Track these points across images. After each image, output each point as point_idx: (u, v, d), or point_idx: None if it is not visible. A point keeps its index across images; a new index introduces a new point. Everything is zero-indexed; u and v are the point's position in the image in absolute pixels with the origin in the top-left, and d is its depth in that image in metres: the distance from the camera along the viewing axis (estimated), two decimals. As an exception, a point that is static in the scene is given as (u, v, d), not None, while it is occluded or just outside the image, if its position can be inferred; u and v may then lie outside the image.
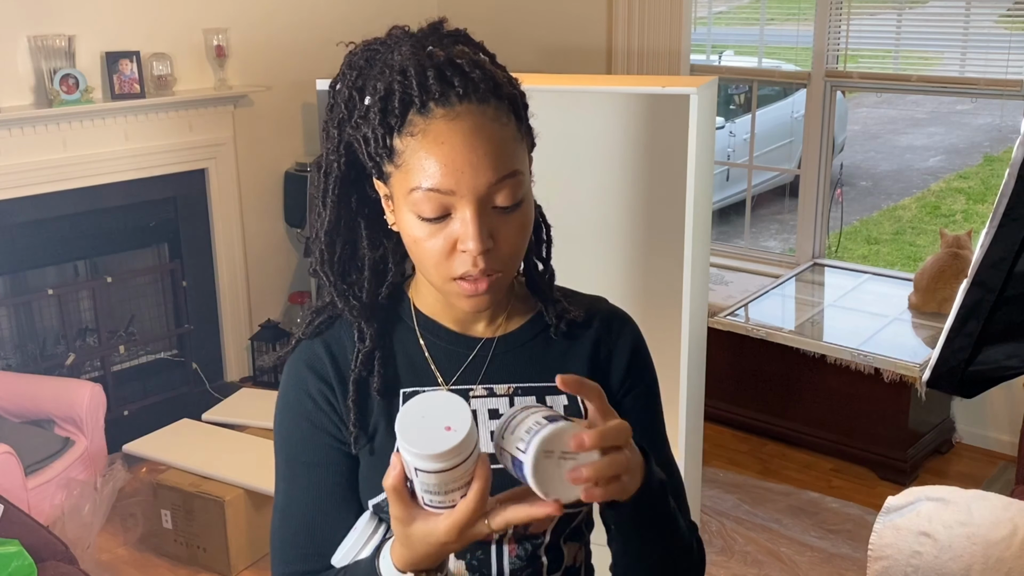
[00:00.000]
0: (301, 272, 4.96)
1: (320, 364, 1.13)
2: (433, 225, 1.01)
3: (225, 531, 3.21)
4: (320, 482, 1.11)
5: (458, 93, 1.00)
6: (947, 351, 1.48)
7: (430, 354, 1.14)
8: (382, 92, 1.01)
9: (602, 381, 1.17)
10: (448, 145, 0.99)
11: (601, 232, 3.17)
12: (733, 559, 3.31)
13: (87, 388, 3.61)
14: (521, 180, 1.03)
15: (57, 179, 3.93)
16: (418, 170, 1.00)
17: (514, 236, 1.04)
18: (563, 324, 1.16)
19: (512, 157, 1.02)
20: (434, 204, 1.00)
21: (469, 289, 1.04)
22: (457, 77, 1.00)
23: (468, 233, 1.00)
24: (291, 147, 4.82)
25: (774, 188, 7.24)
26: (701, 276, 2.87)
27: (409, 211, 1.03)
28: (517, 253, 1.06)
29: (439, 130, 0.99)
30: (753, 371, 4.08)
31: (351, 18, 4.83)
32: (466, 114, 1.00)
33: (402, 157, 1.01)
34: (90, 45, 3.98)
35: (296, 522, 1.12)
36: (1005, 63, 3.84)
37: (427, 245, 1.03)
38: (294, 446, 1.13)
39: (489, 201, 1.01)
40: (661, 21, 4.37)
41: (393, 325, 1.16)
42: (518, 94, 1.06)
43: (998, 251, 1.38)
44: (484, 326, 1.16)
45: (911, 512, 2.27)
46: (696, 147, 2.62)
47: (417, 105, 1.00)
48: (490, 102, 1.01)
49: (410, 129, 1.00)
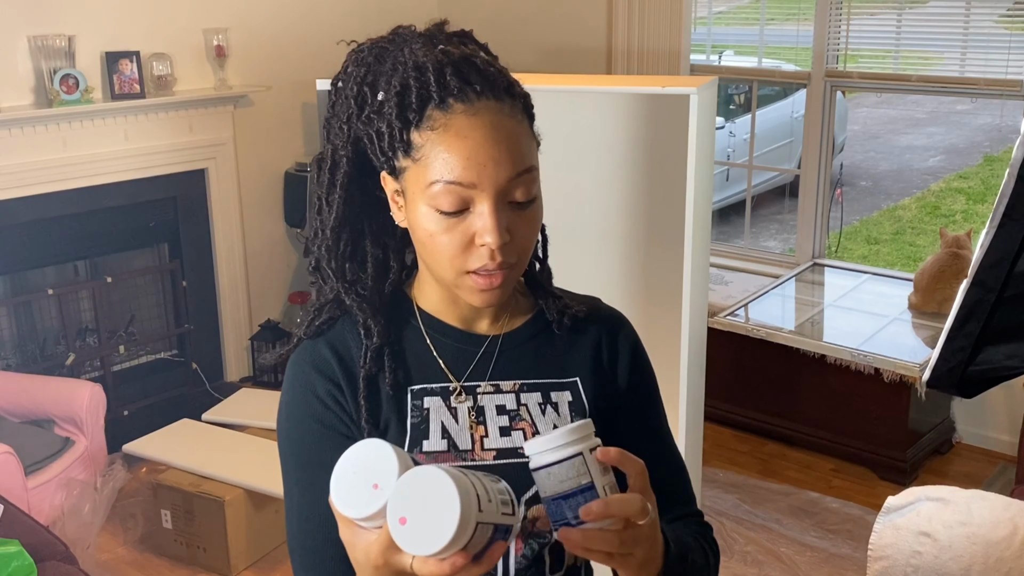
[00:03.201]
0: (301, 272, 4.96)
1: (326, 365, 1.12)
2: (450, 219, 1.02)
3: (225, 531, 3.21)
4: None
5: (476, 90, 1.02)
6: (947, 351, 1.48)
7: (438, 352, 1.14)
8: (398, 87, 1.03)
9: (607, 381, 1.19)
10: (471, 140, 1.00)
11: (601, 232, 3.17)
12: (733, 559, 3.31)
13: (87, 388, 3.61)
14: (536, 177, 1.05)
15: (57, 179, 3.93)
16: (439, 163, 1.01)
17: (528, 232, 1.06)
18: (566, 319, 1.18)
19: (529, 153, 1.04)
20: (454, 198, 1.01)
21: (483, 283, 1.05)
22: (474, 74, 1.02)
23: (488, 227, 1.01)
24: (291, 147, 4.82)
25: (774, 188, 7.24)
26: (701, 276, 2.87)
27: (426, 204, 1.03)
28: (529, 249, 1.08)
29: (460, 125, 1.01)
30: (753, 371, 4.08)
31: (351, 18, 4.83)
32: (485, 110, 1.01)
33: (420, 151, 1.02)
34: (90, 45, 3.98)
35: (314, 528, 1.10)
36: (1005, 63, 3.84)
37: (443, 239, 1.03)
38: (307, 449, 1.12)
39: (507, 196, 1.03)
40: (661, 21, 4.37)
41: (397, 323, 1.16)
42: (527, 95, 1.09)
43: (998, 251, 1.38)
44: (488, 324, 1.17)
45: (911, 512, 2.27)
46: (696, 147, 2.62)
47: (436, 100, 1.01)
48: (505, 100, 1.03)
49: (430, 124, 1.02)
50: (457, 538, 0.87)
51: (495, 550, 0.93)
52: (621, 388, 1.19)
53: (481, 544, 0.91)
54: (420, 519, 0.87)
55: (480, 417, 1.12)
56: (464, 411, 1.12)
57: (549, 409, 1.14)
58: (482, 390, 1.14)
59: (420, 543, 0.87)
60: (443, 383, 1.13)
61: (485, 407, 1.13)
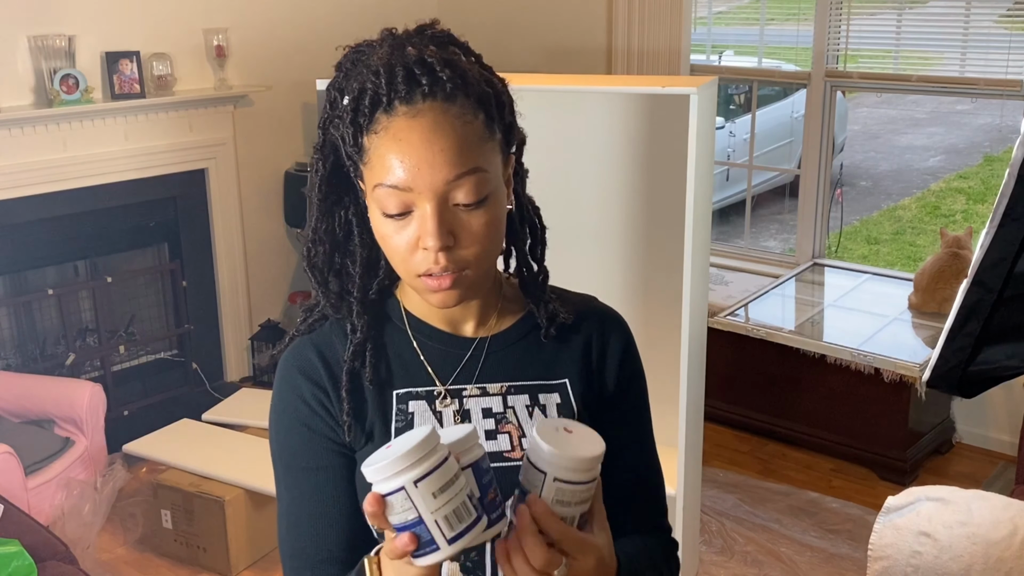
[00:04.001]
0: (301, 272, 4.96)
1: (312, 369, 1.13)
2: (397, 221, 1.03)
3: (225, 531, 3.21)
4: (322, 486, 1.11)
5: (423, 92, 1.01)
6: (947, 351, 1.48)
7: (424, 356, 1.14)
8: (356, 92, 1.03)
9: (596, 380, 1.18)
10: (406, 142, 1.00)
11: (601, 232, 3.17)
12: (733, 559, 3.31)
13: (87, 388, 3.61)
14: (485, 177, 1.03)
15: (57, 179, 3.93)
16: (380, 167, 1.01)
17: (477, 234, 1.03)
18: (553, 328, 1.16)
19: (474, 154, 1.02)
20: (395, 200, 1.01)
21: (433, 285, 1.04)
22: (426, 76, 1.01)
23: (426, 230, 1.01)
24: (291, 147, 4.82)
25: (774, 188, 7.24)
26: (701, 276, 2.87)
27: (375, 207, 1.04)
28: (484, 251, 1.05)
29: (399, 127, 1.00)
30: (753, 371, 4.08)
31: (351, 18, 4.83)
32: (427, 111, 1.00)
33: (368, 155, 1.03)
34: (90, 45, 3.98)
35: (302, 530, 1.11)
36: (1005, 63, 3.84)
37: (393, 242, 1.04)
38: (293, 452, 1.13)
39: (449, 198, 1.01)
40: (661, 21, 4.37)
41: (383, 325, 1.16)
42: (493, 92, 1.06)
43: (998, 251, 1.38)
44: (475, 326, 1.16)
45: (911, 512, 2.27)
46: (696, 147, 2.62)
47: (384, 104, 1.01)
48: (456, 100, 1.02)
49: (375, 127, 1.02)
50: (421, 448, 0.88)
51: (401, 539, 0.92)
52: (609, 390, 1.18)
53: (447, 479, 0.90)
54: (399, 444, 0.91)
55: (466, 421, 1.12)
56: (449, 415, 1.12)
57: (537, 411, 1.13)
58: (468, 393, 1.13)
59: (388, 455, 0.89)
60: (428, 387, 1.13)
61: (471, 410, 1.12)
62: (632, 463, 1.19)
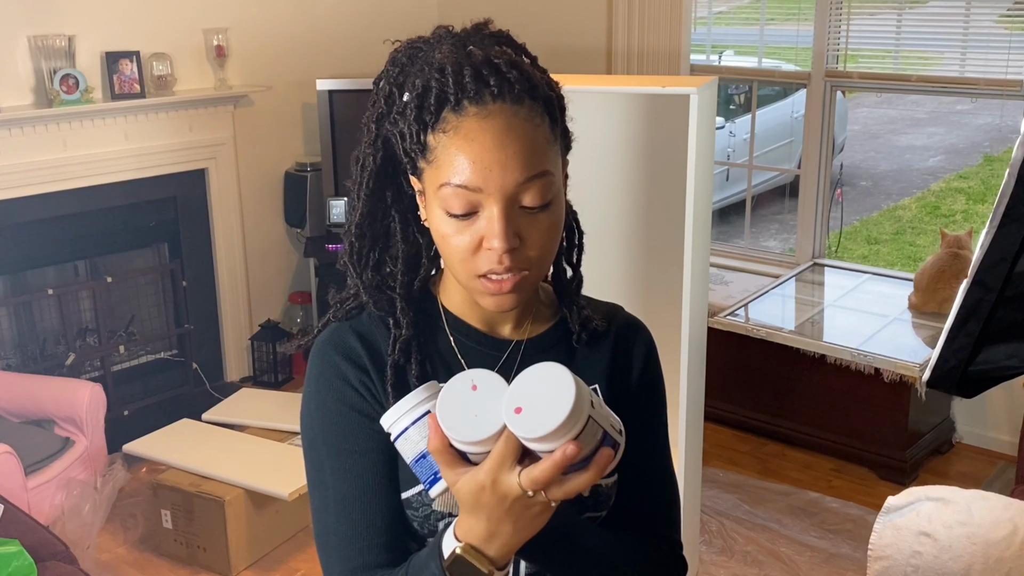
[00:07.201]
0: (301, 272, 4.96)
1: (355, 353, 1.12)
2: (461, 221, 1.03)
3: (225, 531, 3.21)
4: (375, 467, 1.09)
5: (492, 92, 1.01)
6: (947, 351, 1.48)
7: (461, 354, 1.14)
8: (420, 89, 1.03)
9: (620, 388, 1.19)
10: (479, 143, 1.00)
11: (601, 232, 3.17)
12: (733, 559, 3.31)
13: (87, 388, 3.61)
14: (551, 181, 1.04)
15: (57, 179, 3.93)
16: (448, 166, 1.01)
17: (541, 237, 1.04)
18: (584, 333, 1.17)
19: (542, 158, 1.03)
20: (462, 201, 1.01)
21: (492, 288, 1.04)
22: (493, 76, 1.01)
23: (494, 231, 1.01)
24: (291, 147, 4.82)
25: (774, 188, 7.24)
26: (701, 276, 2.87)
27: (438, 207, 1.04)
28: (545, 254, 1.07)
29: (470, 127, 1.00)
30: (753, 371, 4.08)
31: (351, 18, 4.83)
32: (499, 113, 1.01)
33: (434, 153, 1.03)
34: (90, 45, 3.98)
35: (357, 514, 1.08)
36: (1005, 63, 3.84)
37: (454, 241, 1.04)
38: (343, 436, 1.10)
39: (517, 200, 1.02)
40: (661, 21, 4.37)
41: (424, 319, 1.16)
42: (555, 96, 1.07)
43: (998, 251, 1.38)
44: (511, 328, 1.16)
45: (911, 512, 2.27)
46: (696, 147, 2.62)
47: (452, 103, 1.01)
48: (524, 103, 1.02)
49: (443, 126, 1.02)
50: (570, 420, 0.88)
51: (602, 456, 0.93)
52: (632, 394, 1.19)
53: (591, 444, 0.91)
54: (535, 406, 0.89)
55: None
56: None
57: None
58: None
59: (534, 426, 0.88)
60: None
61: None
62: (642, 476, 1.18)
